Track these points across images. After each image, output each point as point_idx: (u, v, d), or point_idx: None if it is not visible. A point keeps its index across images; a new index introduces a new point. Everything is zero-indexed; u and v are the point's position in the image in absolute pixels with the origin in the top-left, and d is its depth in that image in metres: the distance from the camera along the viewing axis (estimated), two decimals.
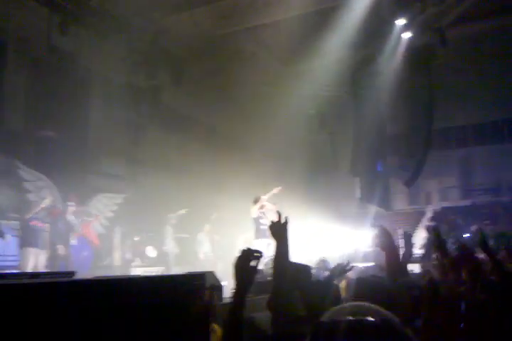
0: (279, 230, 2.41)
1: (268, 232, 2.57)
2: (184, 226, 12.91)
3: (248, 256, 1.98)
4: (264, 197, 9.93)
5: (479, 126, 19.88)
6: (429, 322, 1.94)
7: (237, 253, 2.03)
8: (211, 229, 12.72)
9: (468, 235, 13.54)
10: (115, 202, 12.20)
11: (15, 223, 9.55)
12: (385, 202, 19.65)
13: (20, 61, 11.25)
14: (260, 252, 2.01)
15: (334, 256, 10.65)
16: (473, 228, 14.11)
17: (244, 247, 2.07)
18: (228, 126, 16.06)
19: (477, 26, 14.78)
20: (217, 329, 3.39)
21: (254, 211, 9.77)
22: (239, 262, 1.98)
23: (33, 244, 8.98)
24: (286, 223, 2.43)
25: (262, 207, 9.84)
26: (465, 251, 2.80)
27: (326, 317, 1.22)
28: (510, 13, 14.33)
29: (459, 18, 13.14)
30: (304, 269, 2.92)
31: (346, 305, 1.30)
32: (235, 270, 1.99)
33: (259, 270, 2.19)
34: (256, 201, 9.89)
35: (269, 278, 6.29)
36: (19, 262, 9.08)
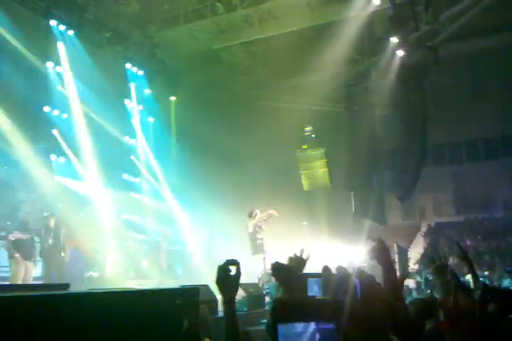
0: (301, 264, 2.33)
1: (265, 247, 2.65)
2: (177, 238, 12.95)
3: (226, 267, 2.10)
4: (258, 213, 9.87)
5: (473, 143, 20.07)
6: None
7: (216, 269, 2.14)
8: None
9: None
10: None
11: (5, 234, 9.50)
12: (379, 217, 19.68)
13: None
14: (235, 261, 2.12)
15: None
16: (468, 243, 14.17)
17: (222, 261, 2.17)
18: (221, 139, 16.12)
19: (470, 44, 15.02)
20: None
21: (251, 226, 9.70)
22: (218, 274, 2.10)
23: (24, 255, 8.94)
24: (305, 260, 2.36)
25: (258, 221, 9.78)
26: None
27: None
28: (504, 31, 14.60)
29: (452, 36, 13.36)
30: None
31: None
32: (217, 283, 2.11)
33: (240, 283, 2.25)
34: (251, 215, 9.84)
35: (264, 292, 6.29)
36: (10, 273, 9.02)
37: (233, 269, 2.11)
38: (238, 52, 15.41)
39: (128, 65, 14.05)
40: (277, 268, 2.87)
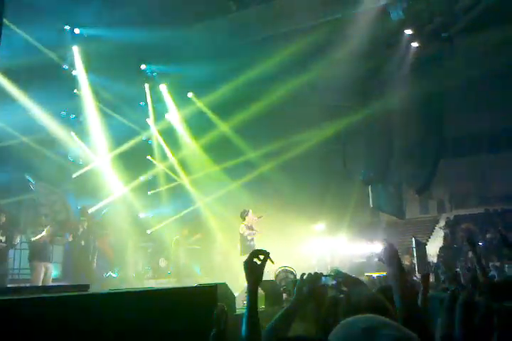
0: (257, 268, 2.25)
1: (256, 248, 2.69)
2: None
3: (254, 256, 2.25)
4: (250, 214, 10.15)
5: (491, 134, 19.74)
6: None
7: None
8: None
9: (482, 243, 13.40)
10: None
11: (28, 236, 9.68)
12: (397, 211, 19.55)
13: None
14: (264, 250, 2.26)
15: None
16: (488, 236, 13.97)
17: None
18: (237, 136, 16.11)
19: (486, 35, 14.74)
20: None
21: (242, 227, 10.04)
22: (246, 262, 2.25)
23: (43, 257, 9.09)
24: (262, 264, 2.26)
25: (250, 223, 10.11)
26: None
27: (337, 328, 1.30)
28: None
29: (468, 26, 13.13)
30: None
31: (360, 316, 1.34)
32: (244, 267, 2.24)
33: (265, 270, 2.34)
34: (244, 216, 10.14)
35: (282, 289, 6.30)
36: (31, 275, 9.19)
37: (261, 258, 2.23)
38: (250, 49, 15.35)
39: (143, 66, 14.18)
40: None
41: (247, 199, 13.80)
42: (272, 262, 2.30)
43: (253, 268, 2.23)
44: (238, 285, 9.15)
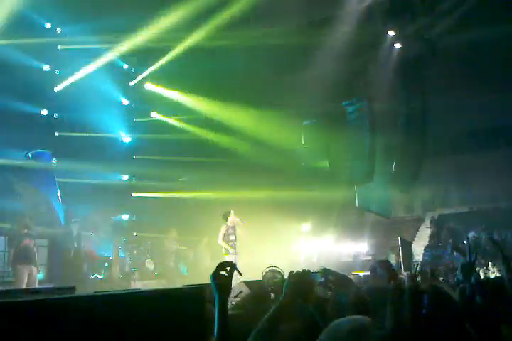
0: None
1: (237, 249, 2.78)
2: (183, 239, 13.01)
3: (221, 268, 2.31)
4: (233, 216, 10.36)
5: (475, 133, 20.01)
6: None
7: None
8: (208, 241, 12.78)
9: (465, 242, 13.55)
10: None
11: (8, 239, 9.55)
12: (383, 210, 19.71)
13: None
14: (231, 262, 2.34)
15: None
16: (471, 234, 14.15)
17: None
18: (220, 137, 16.07)
19: (467, 36, 14.94)
20: None
21: (224, 228, 10.31)
22: (213, 273, 2.31)
23: (27, 260, 8.97)
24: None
25: (231, 223, 10.34)
26: None
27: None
28: (503, 22, 14.50)
29: (450, 27, 13.31)
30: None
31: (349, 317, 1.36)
32: (211, 280, 2.31)
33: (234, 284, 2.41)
34: (225, 217, 10.35)
35: (270, 289, 6.31)
36: (14, 278, 9.06)
37: (227, 270, 2.29)
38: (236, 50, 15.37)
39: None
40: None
41: (233, 199, 13.77)
42: (240, 274, 2.34)
43: (220, 280, 2.29)
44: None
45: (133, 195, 14.71)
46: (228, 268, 2.30)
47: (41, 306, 2.11)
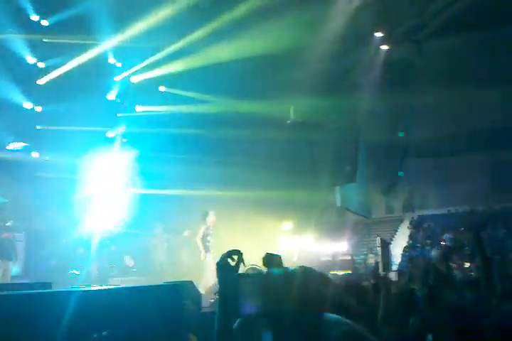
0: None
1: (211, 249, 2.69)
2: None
3: (227, 256, 2.19)
4: (211, 217, 10.51)
5: (455, 136, 20.24)
6: None
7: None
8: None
9: (443, 243, 13.78)
10: None
11: None
12: (364, 210, 19.91)
13: None
14: (238, 251, 2.21)
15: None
16: (448, 236, 14.36)
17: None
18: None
19: (453, 39, 15.14)
20: (192, 338, 3.37)
21: (202, 228, 10.44)
22: (220, 261, 2.18)
23: (4, 254, 8.84)
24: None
25: (210, 224, 10.46)
26: None
27: None
28: (488, 27, 14.71)
29: (437, 31, 13.44)
30: None
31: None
32: (217, 269, 2.18)
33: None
34: (204, 217, 10.50)
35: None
36: None
37: (235, 259, 2.18)
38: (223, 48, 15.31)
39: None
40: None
41: (214, 198, 13.72)
42: (244, 264, 2.25)
43: (227, 270, 2.16)
44: (206, 282, 9.14)
45: None
46: (236, 257, 2.19)
47: (16, 301, 2.07)
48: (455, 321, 2.47)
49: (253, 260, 3.24)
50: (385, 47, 13.35)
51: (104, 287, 3.81)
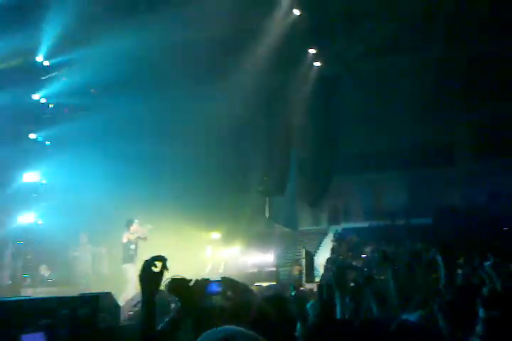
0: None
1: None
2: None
3: (150, 263, 2.08)
4: (136, 225, 10.27)
5: (381, 153, 21.07)
6: None
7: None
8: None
9: (364, 255, 14.27)
10: None
11: None
12: (291, 222, 20.23)
13: None
14: (162, 256, 2.11)
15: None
16: (369, 248, 14.91)
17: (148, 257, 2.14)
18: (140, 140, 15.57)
19: (382, 61, 15.89)
20: None
21: (126, 236, 10.17)
22: (142, 270, 2.07)
23: None
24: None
25: (133, 232, 10.22)
26: None
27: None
28: (417, 50, 15.58)
29: (367, 52, 14.09)
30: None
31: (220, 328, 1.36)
32: (140, 276, 2.07)
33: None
34: (129, 225, 10.24)
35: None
36: None
37: (158, 265, 2.09)
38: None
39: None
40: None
41: (140, 205, 13.33)
42: (167, 270, 2.13)
43: (150, 277, 2.06)
44: (126, 295, 8.79)
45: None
46: (159, 264, 2.08)
47: None
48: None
49: (178, 269, 3.15)
50: (317, 63, 13.80)
51: (10, 298, 3.55)
